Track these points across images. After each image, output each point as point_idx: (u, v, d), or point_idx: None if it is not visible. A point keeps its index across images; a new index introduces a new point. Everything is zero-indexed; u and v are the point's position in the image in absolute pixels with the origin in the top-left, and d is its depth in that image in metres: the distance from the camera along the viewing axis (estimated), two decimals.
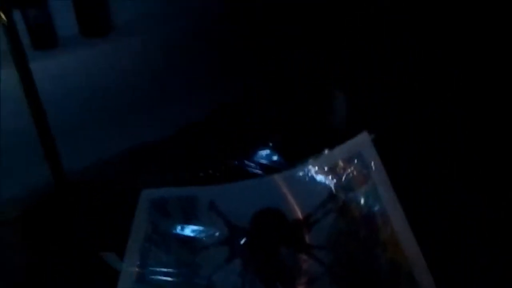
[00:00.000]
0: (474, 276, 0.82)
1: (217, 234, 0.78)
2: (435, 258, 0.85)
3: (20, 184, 0.91)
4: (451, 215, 1.01)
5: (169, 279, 0.74)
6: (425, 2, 1.25)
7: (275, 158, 0.90)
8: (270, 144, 0.92)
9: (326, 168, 0.81)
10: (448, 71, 1.27)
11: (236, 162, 0.89)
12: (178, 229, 0.79)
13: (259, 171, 0.88)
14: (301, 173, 0.82)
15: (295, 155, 0.87)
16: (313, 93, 1.15)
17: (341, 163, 0.80)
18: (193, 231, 0.79)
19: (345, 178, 0.80)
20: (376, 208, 0.75)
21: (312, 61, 1.22)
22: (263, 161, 0.89)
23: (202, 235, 0.79)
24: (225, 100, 1.20)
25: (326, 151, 0.84)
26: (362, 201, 0.76)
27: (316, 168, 0.81)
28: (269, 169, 0.87)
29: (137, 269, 0.74)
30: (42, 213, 0.87)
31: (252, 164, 0.89)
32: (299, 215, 0.79)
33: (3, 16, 0.70)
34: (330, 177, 0.80)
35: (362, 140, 0.82)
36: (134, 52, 1.19)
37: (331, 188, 0.79)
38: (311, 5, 1.25)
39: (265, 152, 0.91)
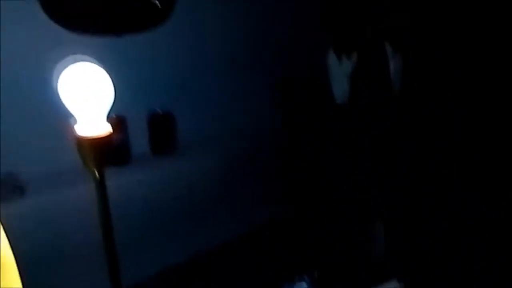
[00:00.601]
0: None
1: None
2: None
3: None
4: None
5: None
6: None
7: None
8: (306, 277, 1.00)
9: None
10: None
11: None
12: None
13: None
14: None
15: None
16: (352, 225, 1.21)
17: None
18: None
19: None
20: None
21: (353, 192, 1.24)
22: None
23: None
24: (265, 226, 1.33)
25: None
26: None
27: None
28: None
29: None
30: None
31: None
32: None
33: (97, 175, 0.82)
34: None
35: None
36: (193, 170, 1.37)
37: None
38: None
39: (300, 286, 1.00)
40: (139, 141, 1.36)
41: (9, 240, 0.65)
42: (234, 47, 1.47)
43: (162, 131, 1.39)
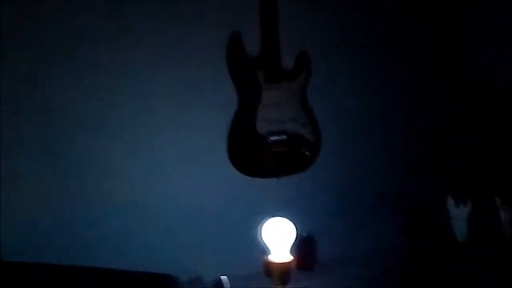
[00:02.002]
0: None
1: None
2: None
3: None
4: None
5: None
6: None
7: None
8: None
9: None
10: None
11: None
12: None
13: None
14: None
15: None
16: None
17: None
18: None
19: None
20: None
21: None
22: None
23: None
24: None
25: None
26: None
27: None
28: None
29: None
30: None
31: None
32: None
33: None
34: None
35: None
36: (331, 284, 1.63)
37: None
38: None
39: None
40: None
41: None
42: (365, 184, 1.84)
43: (305, 251, 1.72)
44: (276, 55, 1.62)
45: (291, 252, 1.14)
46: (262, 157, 1.64)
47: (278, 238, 1.15)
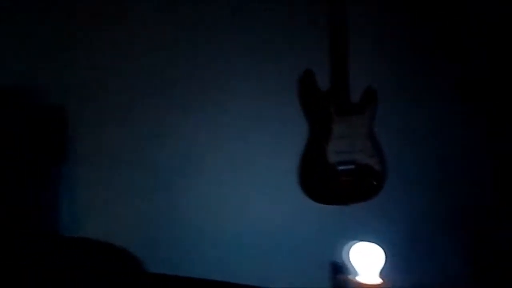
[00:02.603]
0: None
1: None
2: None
3: None
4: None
5: None
6: None
7: None
8: None
9: None
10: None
11: None
12: None
13: None
14: None
15: None
16: None
17: None
18: None
19: None
20: None
21: None
22: None
23: None
24: None
25: None
26: None
27: None
28: None
29: None
30: None
31: None
32: None
33: None
34: None
35: None
36: None
37: None
38: None
39: None
40: None
41: None
42: (432, 212, 1.88)
43: None
44: (345, 90, 1.73)
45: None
46: (332, 185, 1.74)
47: (368, 262, 1.24)
